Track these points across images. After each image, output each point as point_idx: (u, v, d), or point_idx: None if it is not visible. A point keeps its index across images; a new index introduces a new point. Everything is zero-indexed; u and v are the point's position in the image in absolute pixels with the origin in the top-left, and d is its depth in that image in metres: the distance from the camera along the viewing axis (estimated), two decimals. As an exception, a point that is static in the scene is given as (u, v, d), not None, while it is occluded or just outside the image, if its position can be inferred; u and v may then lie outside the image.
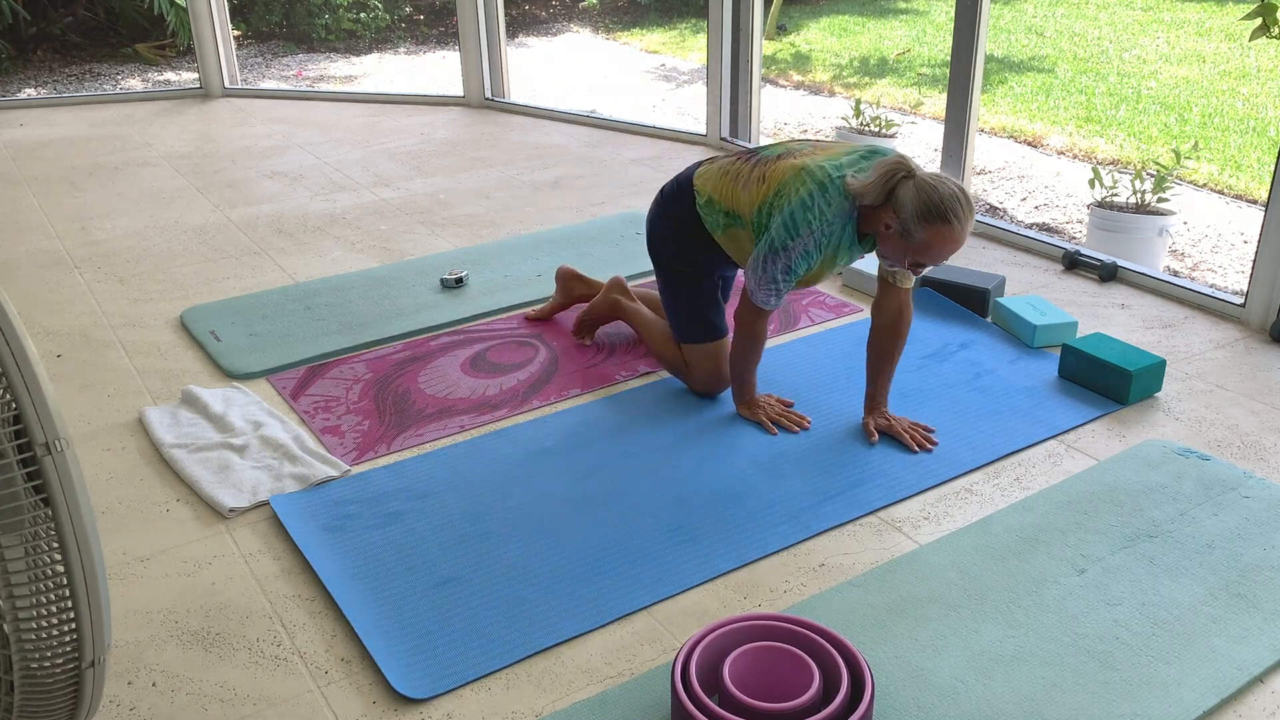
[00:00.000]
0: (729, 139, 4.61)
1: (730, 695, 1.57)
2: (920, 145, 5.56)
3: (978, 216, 3.68)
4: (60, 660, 1.29)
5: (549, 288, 3.23)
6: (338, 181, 4.36)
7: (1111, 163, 5.23)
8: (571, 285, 3.00)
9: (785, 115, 6.31)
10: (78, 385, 2.75)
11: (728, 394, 2.62)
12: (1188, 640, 1.81)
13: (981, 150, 5.43)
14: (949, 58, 3.62)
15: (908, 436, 2.38)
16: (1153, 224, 3.75)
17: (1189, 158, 4.71)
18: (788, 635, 1.69)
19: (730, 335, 2.56)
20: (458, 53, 5.80)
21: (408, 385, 2.70)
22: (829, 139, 2.40)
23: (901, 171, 2.19)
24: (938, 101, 6.37)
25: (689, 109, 6.47)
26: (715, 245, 2.47)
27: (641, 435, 2.45)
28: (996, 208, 4.63)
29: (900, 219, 2.18)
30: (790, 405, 2.54)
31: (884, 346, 2.42)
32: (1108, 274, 3.24)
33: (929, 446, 2.37)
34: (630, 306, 2.81)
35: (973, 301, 3.01)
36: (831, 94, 6.88)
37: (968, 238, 2.22)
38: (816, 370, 2.73)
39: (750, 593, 1.96)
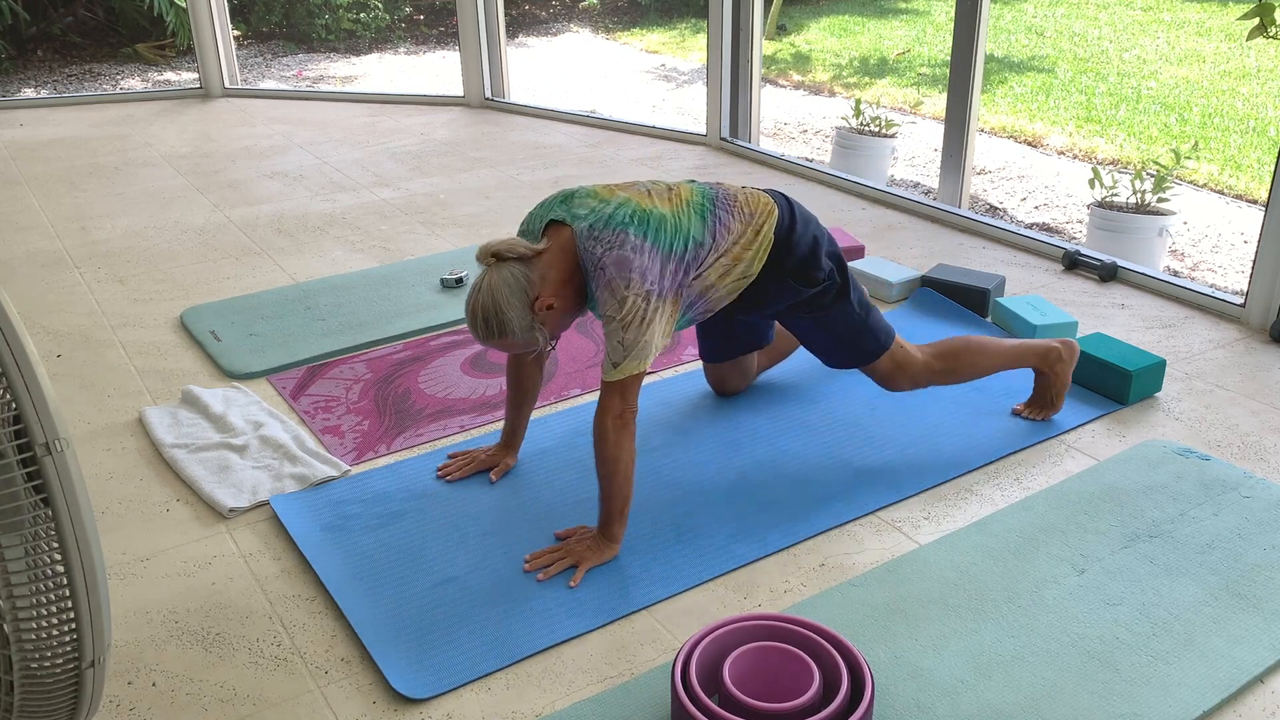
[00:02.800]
0: (729, 139, 4.61)
1: (730, 695, 1.57)
2: (920, 145, 5.56)
3: (978, 217, 3.68)
4: (60, 660, 1.29)
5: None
6: (338, 181, 4.36)
7: (1111, 163, 5.23)
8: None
9: (785, 115, 6.31)
10: (78, 385, 2.75)
11: (741, 396, 2.61)
12: (1188, 640, 1.81)
13: (981, 150, 5.43)
14: (949, 58, 3.62)
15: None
16: (1153, 224, 3.75)
17: (1189, 158, 4.71)
18: (788, 635, 1.69)
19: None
20: (458, 53, 5.80)
21: (408, 385, 2.70)
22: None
23: None
24: (938, 101, 6.37)
25: (689, 109, 6.47)
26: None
27: (641, 435, 2.45)
28: (996, 208, 4.63)
29: None
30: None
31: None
32: (1108, 274, 3.24)
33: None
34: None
35: (973, 301, 3.01)
36: (831, 94, 6.88)
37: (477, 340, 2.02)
38: (817, 370, 2.73)
39: (750, 593, 1.96)
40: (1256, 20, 3.19)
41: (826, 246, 2.24)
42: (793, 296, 2.21)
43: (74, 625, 1.27)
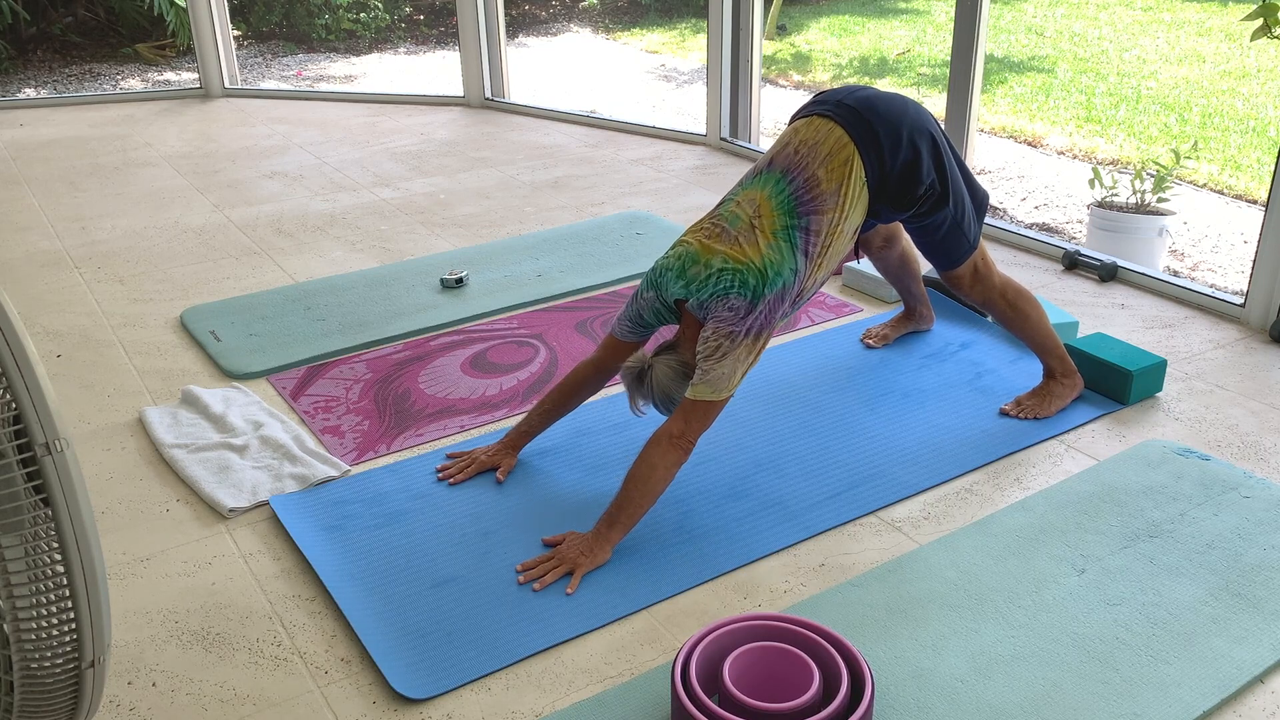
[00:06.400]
0: (729, 139, 4.61)
1: (730, 695, 1.57)
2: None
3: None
4: (60, 660, 1.29)
5: (549, 287, 3.23)
6: (338, 181, 4.36)
7: (1111, 163, 5.23)
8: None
9: (785, 115, 6.32)
10: (78, 385, 2.75)
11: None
12: (1188, 640, 1.81)
13: (981, 150, 5.42)
14: (949, 58, 3.62)
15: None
16: (1153, 224, 3.75)
17: (1189, 158, 4.71)
18: (788, 635, 1.69)
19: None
20: (458, 53, 5.80)
21: (408, 385, 2.70)
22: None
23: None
24: (938, 101, 6.37)
25: (689, 109, 6.47)
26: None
27: (641, 435, 2.44)
28: (996, 208, 4.63)
29: None
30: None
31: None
32: (1108, 274, 3.24)
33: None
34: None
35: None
36: (831, 94, 6.87)
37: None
38: (816, 370, 2.73)
39: (750, 593, 1.96)
40: (1260, 21, 3.19)
41: (927, 151, 2.21)
42: (899, 216, 2.30)
43: (74, 625, 1.27)
